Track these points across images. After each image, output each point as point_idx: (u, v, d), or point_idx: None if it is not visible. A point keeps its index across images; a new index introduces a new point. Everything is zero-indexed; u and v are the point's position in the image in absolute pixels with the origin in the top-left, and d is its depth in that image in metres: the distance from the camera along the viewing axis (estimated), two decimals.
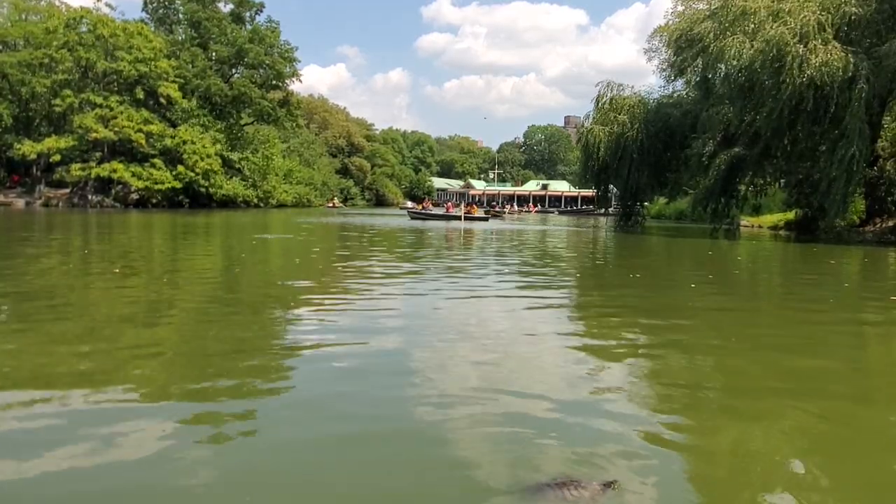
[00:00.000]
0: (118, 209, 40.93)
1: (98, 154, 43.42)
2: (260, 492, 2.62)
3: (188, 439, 3.19)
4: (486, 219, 39.00)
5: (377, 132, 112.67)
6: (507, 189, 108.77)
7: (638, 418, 3.63)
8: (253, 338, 5.52)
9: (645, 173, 30.49)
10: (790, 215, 29.32)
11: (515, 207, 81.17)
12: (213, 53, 51.37)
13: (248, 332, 5.72)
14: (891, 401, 4.32)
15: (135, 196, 43.73)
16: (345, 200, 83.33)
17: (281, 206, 56.33)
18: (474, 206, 47.33)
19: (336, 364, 4.64)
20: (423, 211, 39.90)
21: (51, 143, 42.29)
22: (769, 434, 3.47)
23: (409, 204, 47.29)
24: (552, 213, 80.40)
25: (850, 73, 20.03)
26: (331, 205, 72.40)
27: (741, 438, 3.40)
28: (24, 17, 47.49)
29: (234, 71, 52.84)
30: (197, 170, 45.21)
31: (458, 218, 36.53)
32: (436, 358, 4.85)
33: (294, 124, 58.89)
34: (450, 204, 44.57)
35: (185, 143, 45.09)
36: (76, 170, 42.63)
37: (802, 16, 21.34)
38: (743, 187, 27.18)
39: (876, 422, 3.78)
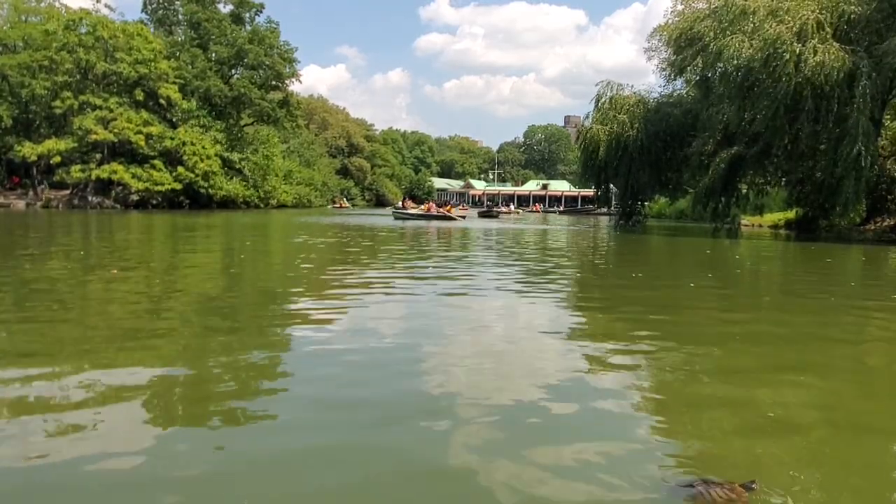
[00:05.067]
0: (118, 210, 40.95)
1: (98, 155, 43.44)
2: (259, 493, 2.62)
3: (187, 440, 3.18)
4: (463, 217, 39.09)
5: (377, 132, 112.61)
6: (508, 189, 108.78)
7: (639, 416, 3.62)
8: (253, 336, 5.51)
9: (645, 173, 30.48)
10: (790, 214, 29.29)
11: (512, 207, 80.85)
12: (213, 54, 51.37)
13: (247, 331, 5.71)
14: (893, 400, 4.31)
15: (135, 197, 43.76)
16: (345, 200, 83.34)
17: (281, 206, 56.34)
18: (452, 205, 47.29)
19: (336, 364, 4.63)
20: (405, 210, 39.70)
21: (51, 144, 42.33)
22: (772, 432, 3.46)
23: (399, 203, 47.26)
24: (554, 212, 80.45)
25: (847, 72, 20.02)
26: (337, 205, 72.45)
27: (743, 437, 3.39)
28: (23, 18, 47.52)
29: (233, 71, 52.82)
30: (197, 171, 45.24)
31: (440, 217, 36.46)
32: (437, 357, 4.84)
33: (294, 125, 58.84)
34: (431, 203, 44.43)
35: (184, 144, 45.12)
36: (76, 171, 42.67)
37: (801, 14, 21.32)
38: (744, 187, 27.17)
39: (883, 425, 3.77)
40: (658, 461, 3.00)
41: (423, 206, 42.63)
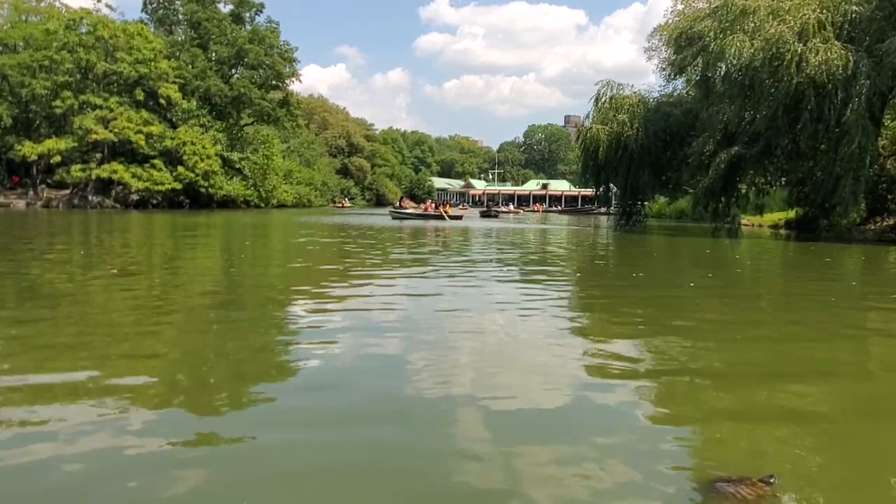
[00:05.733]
0: (118, 210, 40.96)
1: (98, 155, 43.46)
2: (258, 494, 2.62)
3: (185, 443, 3.18)
4: (459, 218, 38.98)
5: (377, 132, 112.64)
6: (508, 189, 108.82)
7: (645, 417, 3.62)
8: (253, 338, 5.50)
9: (645, 172, 30.42)
10: (791, 214, 29.27)
11: (511, 207, 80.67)
12: (213, 54, 51.39)
13: (247, 332, 5.70)
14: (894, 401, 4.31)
15: (135, 197, 43.77)
16: (346, 200, 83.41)
17: (281, 206, 56.35)
18: (449, 205, 47.34)
19: (336, 365, 4.63)
20: (403, 210, 39.61)
21: (51, 144, 42.34)
22: (773, 432, 3.46)
23: (397, 203, 47.40)
24: (554, 212, 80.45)
25: (849, 71, 20.00)
26: (339, 205, 72.64)
27: (751, 433, 3.39)
28: (24, 18, 47.51)
29: (233, 71, 52.84)
30: (197, 170, 45.25)
31: (437, 217, 36.36)
32: (436, 357, 4.83)
33: (294, 124, 58.85)
34: (428, 203, 44.59)
35: (184, 143, 45.13)
36: (76, 171, 42.68)
37: (802, 14, 21.31)
38: (744, 186, 27.12)
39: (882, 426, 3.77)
40: (674, 462, 3.00)
41: (421, 206, 42.65)
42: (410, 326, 6.11)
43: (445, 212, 38.11)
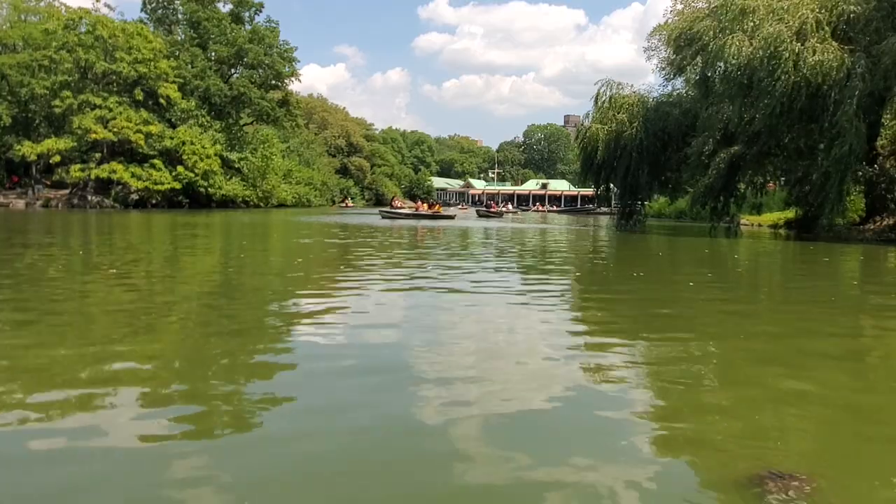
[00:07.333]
0: (118, 210, 40.94)
1: (97, 155, 43.41)
2: (258, 495, 2.62)
3: (185, 445, 3.18)
4: (452, 217, 38.87)
5: (376, 132, 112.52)
6: (507, 188, 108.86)
7: (640, 416, 3.62)
8: (251, 334, 5.51)
9: (644, 172, 30.42)
10: (790, 214, 29.26)
11: (510, 206, 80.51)
12: (213, 53, 51.36)
13: (246, 331, 5.71)
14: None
15: (134, 196, 43.74)
16: (344, 199, 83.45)
17: (281, 205, 56.33)
18: (439, 204, 47.38)
19: (333, 368, 4.63)
20: (394, 210, 39.53)
21: (50, 143, 42.29)
22: (774, 432, 3.46)
23: (397, 203, 47.34)
24: (553, 211, 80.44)
25: (845, 71, 20.01)
26: (343, 204, 73.06)
27: (747, 438, 3.39)
28: (23, 18, 47.45)
29: (233, 71, 52.81)
30: (196, 170, 45.21)
31: (430, 216, 36.27)
32: (438, 358, 4.84)
33: (293, 124, 58.78)
34: (420, 203, 44.61)
35: (184, 143, 45.09)
36: (76, 170, 42.63)
37: (801, 14, 21.33)
38: (742, 186, 27.14)
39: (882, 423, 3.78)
40: (709, 456, 3.02)
41: (413, 206, 42.82)
42: (409, 328, 6.11)
43: (437, 211, 38.17)
